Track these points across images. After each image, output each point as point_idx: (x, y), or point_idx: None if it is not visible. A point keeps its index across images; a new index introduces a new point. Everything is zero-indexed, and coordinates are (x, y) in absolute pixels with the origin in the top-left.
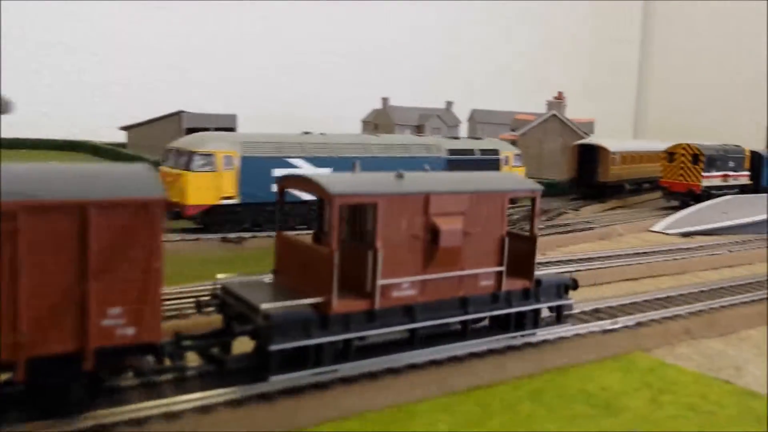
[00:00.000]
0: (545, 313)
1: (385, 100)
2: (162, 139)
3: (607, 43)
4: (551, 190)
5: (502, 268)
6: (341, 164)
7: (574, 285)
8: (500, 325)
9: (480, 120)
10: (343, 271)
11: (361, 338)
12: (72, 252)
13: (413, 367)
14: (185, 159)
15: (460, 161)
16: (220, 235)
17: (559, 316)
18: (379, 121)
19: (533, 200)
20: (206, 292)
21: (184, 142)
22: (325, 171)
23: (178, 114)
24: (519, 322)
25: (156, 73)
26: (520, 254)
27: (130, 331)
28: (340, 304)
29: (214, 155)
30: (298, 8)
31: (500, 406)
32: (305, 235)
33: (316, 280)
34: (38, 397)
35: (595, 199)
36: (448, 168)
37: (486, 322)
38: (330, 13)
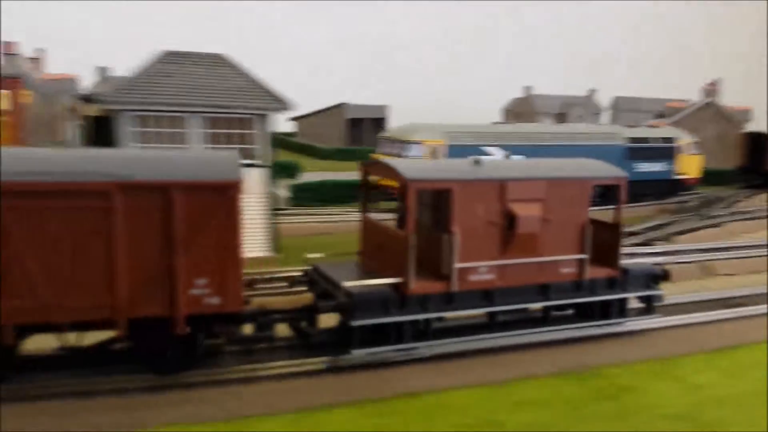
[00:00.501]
0: (635, 303)
1: (527, 88)
2: (326, 127)
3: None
4: (714, 179)
5: (585, 256)
6: (532, 152)
7: (665, 276)
8: (585, 314)
9: (624, 108)
10: (423, 253)
11: (440, 319)
12: (160, 227)
13: (491, 351)
14: (398, 147)
15: (638, 149)
16: None
17: (650, 307)
18: (520, 109)
19: (618, 188)
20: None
21: (397, 131)
22: (518, 158)
23: (340, 106)
24: (604, 312)
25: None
26: (605, 242)
27: (216, 300)
28: (417, 285)
29: (424, 144)
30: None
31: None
32: (390, 220)
33: (395, 261)
34: (142, 356)
35: (763, 188)
36: (628, 156)
37: (570, 310)
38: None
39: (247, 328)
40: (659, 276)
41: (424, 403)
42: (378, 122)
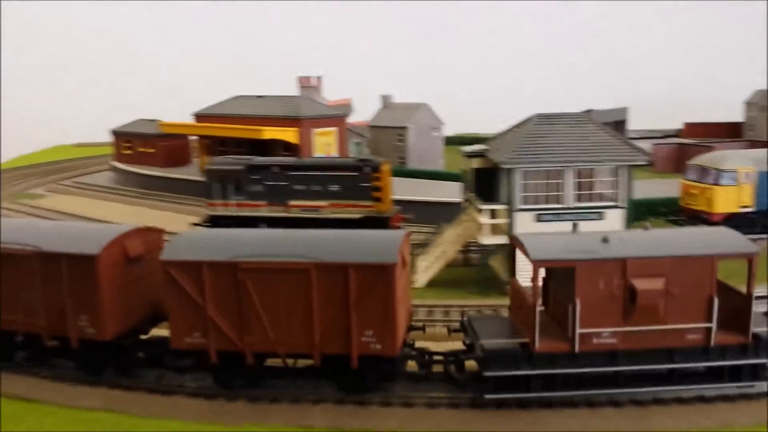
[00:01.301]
0: None
1: None
2: None
3: None
4: None
5: (711, 325)
6: None
7: None
8: (715, 375)
9: None
10: (555, 315)
11: (566, 374)
12: (341, 293)
13: (615, 403)
14: (713, 175)
15: None
16: None
17: None
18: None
19: (750, 261)
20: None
21: (708, 160)
22: None
23: (587, 113)
24: (734, 374)
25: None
26: (735, 309)
27: (378, 346)
28: (542, 345)
29: (737, 172)
30: None
31: None
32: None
33: (527, 322)
34: (334, 378)
35: None
36: None
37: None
38: None
39: (412, 364)
40: None
41: None
42: (618, 125)
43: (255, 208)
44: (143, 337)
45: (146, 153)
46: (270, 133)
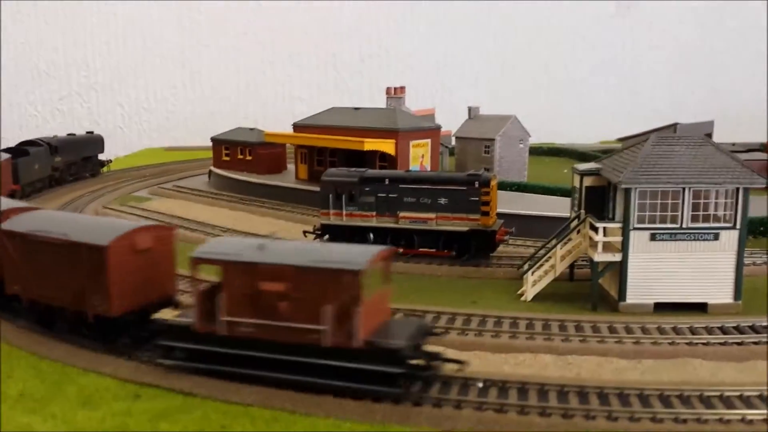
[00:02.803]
0: None
1: None
2: None
3: None
4: None
5: (325, 327)
6: None
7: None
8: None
9: None
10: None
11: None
12: (81, 266)
13: None
14: None
15: None
16: None
17: None
18: None
19: (356, 276)
20: None
21: None
22: None
23: (673, 126)
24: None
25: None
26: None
27: (101, 308)
28: (200, 326)
29: None
30: None
31: None
32: None
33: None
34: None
35: None
36: None
37: None
38: None
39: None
40: None
41: None
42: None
43: (366, 218)
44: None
45: (245, 160)
46: (370, 144)
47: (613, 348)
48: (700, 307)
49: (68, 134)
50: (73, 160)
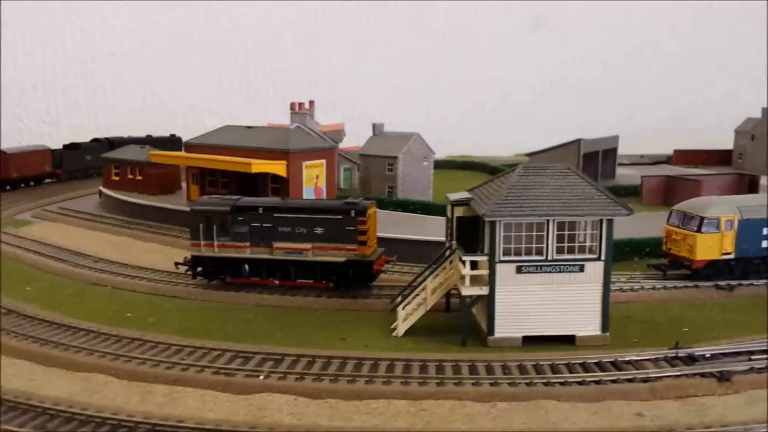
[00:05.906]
0: None
1: None
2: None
3: None
4: None
5: None
6: None
7: None
8: None
9: None
10: None
11: None
12: None
13: None
14: (696, 222)
15: None
16: (712, 283)
17: None
18: (756, 131)
19: None
20: None
21: (691, 206)
22: None
23: (577, 141)
24: None
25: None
26: None
27: None
28: None
29: (719, 219)
30: None
31: None
32: None
33: None
34: None
35: None
36: None
37: None
38: None
39: None
40: None
41: None
42: (608, 153)
43: (240, 249)
44: None
45: (135, 180)
46: (258, 166)
47: (469, 391)
48: (569, 339)
49: None
50: None
